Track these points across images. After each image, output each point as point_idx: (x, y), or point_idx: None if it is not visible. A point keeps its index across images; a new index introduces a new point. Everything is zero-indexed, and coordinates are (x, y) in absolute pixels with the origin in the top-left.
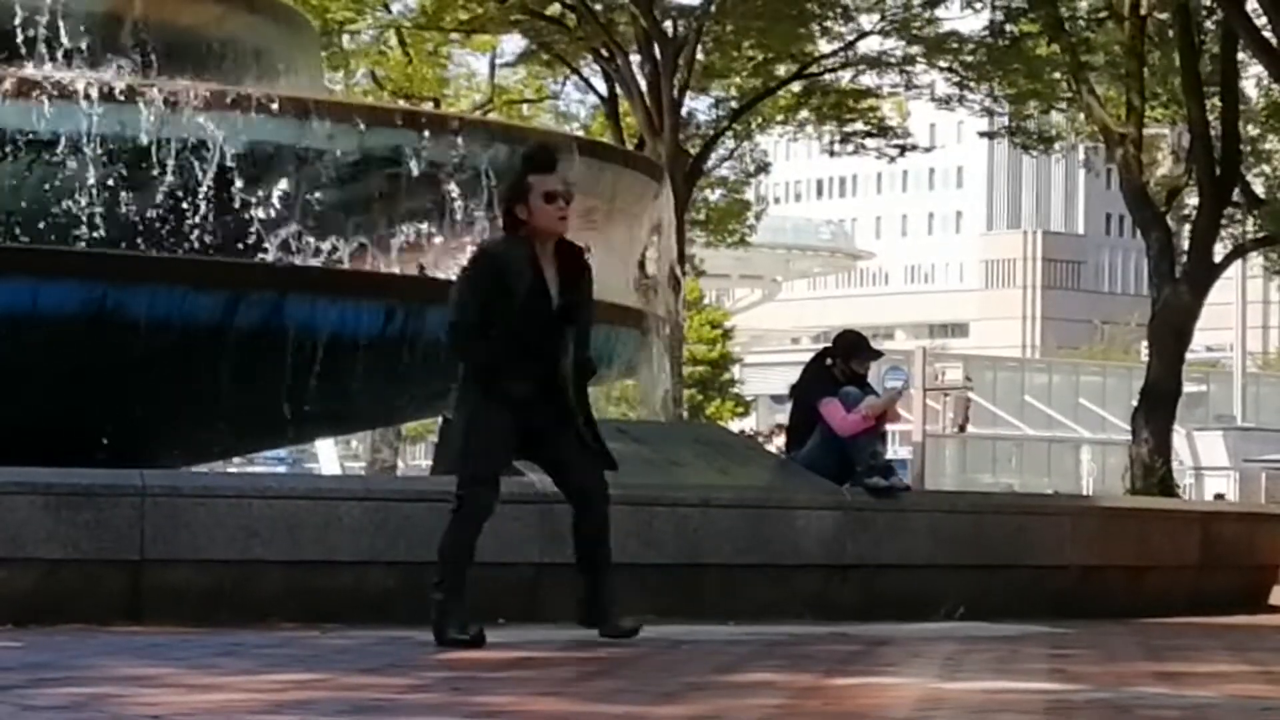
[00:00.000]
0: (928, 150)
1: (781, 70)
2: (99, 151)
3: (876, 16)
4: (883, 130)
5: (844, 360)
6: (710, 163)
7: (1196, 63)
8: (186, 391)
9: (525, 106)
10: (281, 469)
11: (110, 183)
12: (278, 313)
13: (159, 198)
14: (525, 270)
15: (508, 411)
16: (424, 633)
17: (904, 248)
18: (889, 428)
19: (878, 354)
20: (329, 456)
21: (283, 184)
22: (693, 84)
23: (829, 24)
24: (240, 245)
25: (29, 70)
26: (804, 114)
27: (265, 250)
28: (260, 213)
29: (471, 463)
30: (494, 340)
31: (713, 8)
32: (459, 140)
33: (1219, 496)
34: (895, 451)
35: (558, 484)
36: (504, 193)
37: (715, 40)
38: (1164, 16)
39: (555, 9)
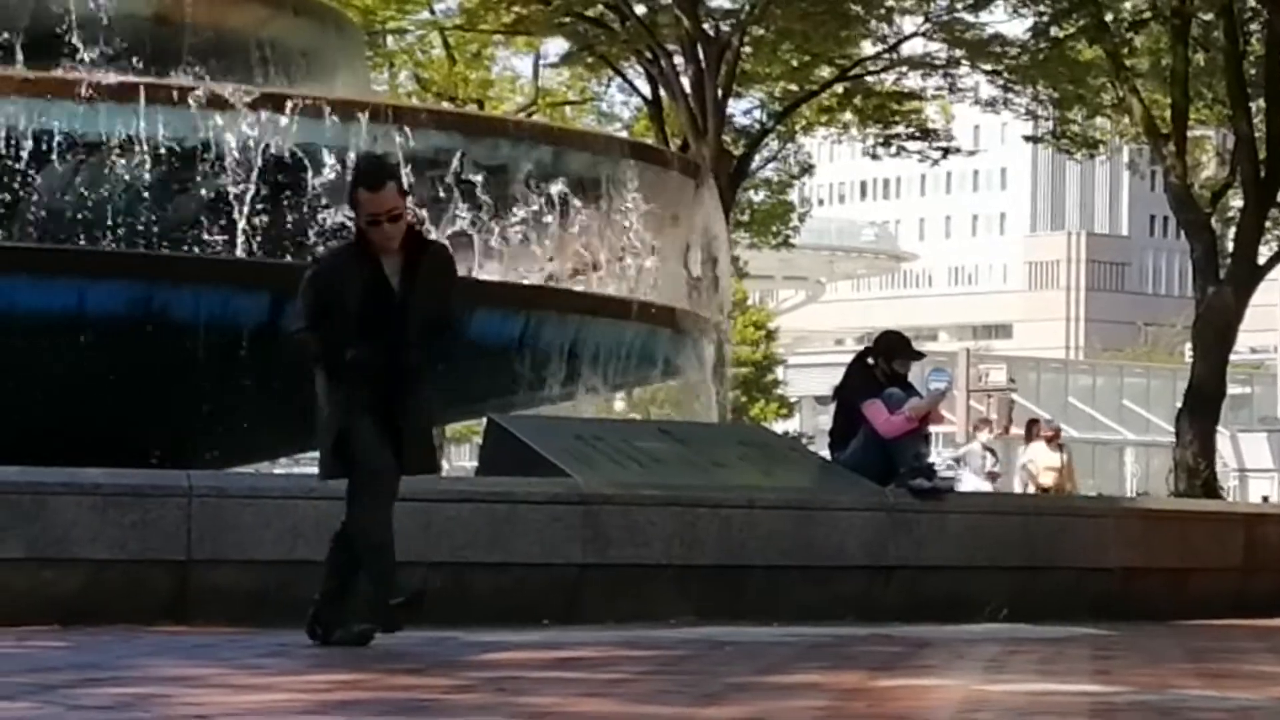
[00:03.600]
0: (971, 153)
1: (825, 72)
2: (150, 153)
3: (920, 19)
4: (925, 133)
5: (885, 360)
6: (754, 164)
7: (1241, 64)
8: (232, 392)
9: (569, 108)
10: None
11: (175, 185)
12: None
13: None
14: (355, 276)
15: (362, 392)
16: (467, 633)
17: (948, 249)
18: (931, 429)
19: (919, 355)
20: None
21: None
22: (736, 86)
23: (872, 26)
24: None
25: (77, 73)
26: (847, 116)
27: None
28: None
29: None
30: (331, 331)
31: (755, 10)
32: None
33: (1264, 499)
34: (938, 453)
35: None
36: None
37: (758, 42)
38: (1208, 18)
39: (598, 11)
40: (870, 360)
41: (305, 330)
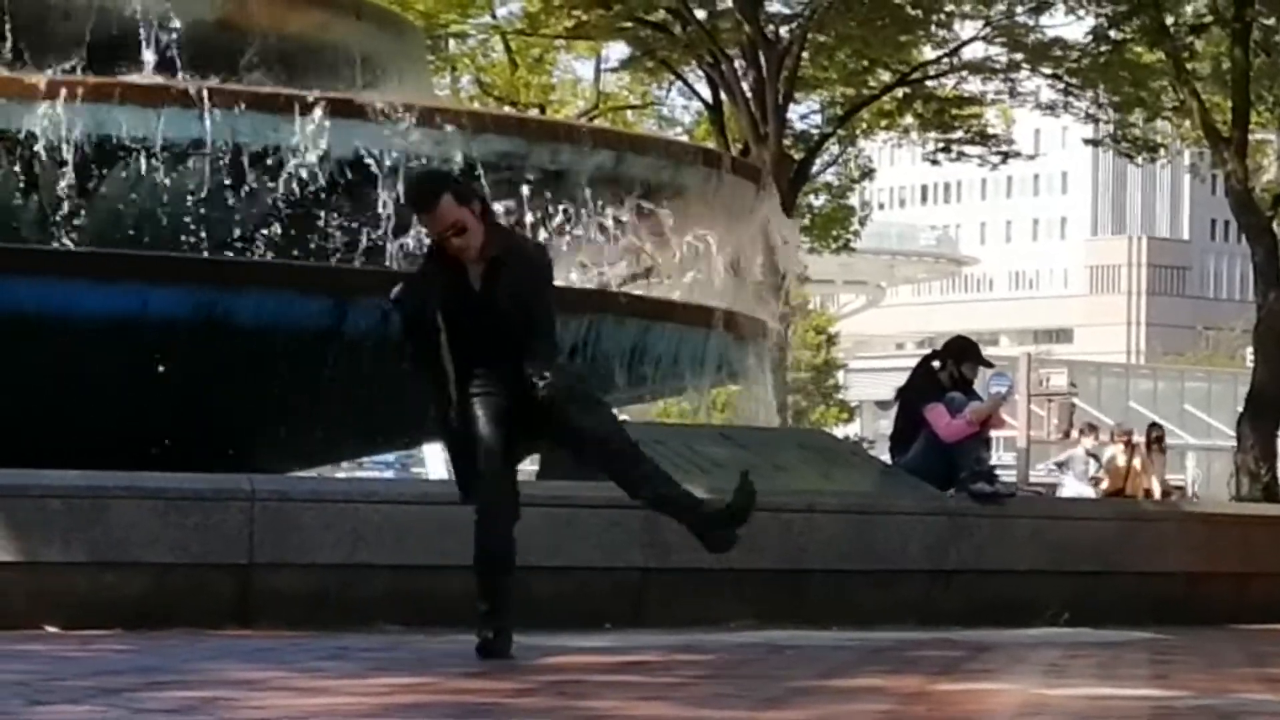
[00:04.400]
0: (1031, 158)
1: (885, 77)
2: (221, 158)
3: (980, 23)
4: (985, 137)
5: (955, 364)
6: (814, 168)
7: None
8: (294, 396)
9: (630, 113)
10: (389, 474)
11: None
12: (385, 319)
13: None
14: (438, 283)
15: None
16: (529, 636)
17: (1008, 253)
18: (993, 433)
19: (989, 363)
20: (436, 461)
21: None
22: (796, 90)
23: (931, 31)
24: None
25: (140, 77)
26: (907, 120)
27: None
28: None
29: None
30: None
31: (816, 15)
32: None
33: None
34: (999, 457)
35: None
36: None
37: (818, 47)
38: (1269, 22)
39: (660, 16)
40: (938, 364)
41: (412, 355)
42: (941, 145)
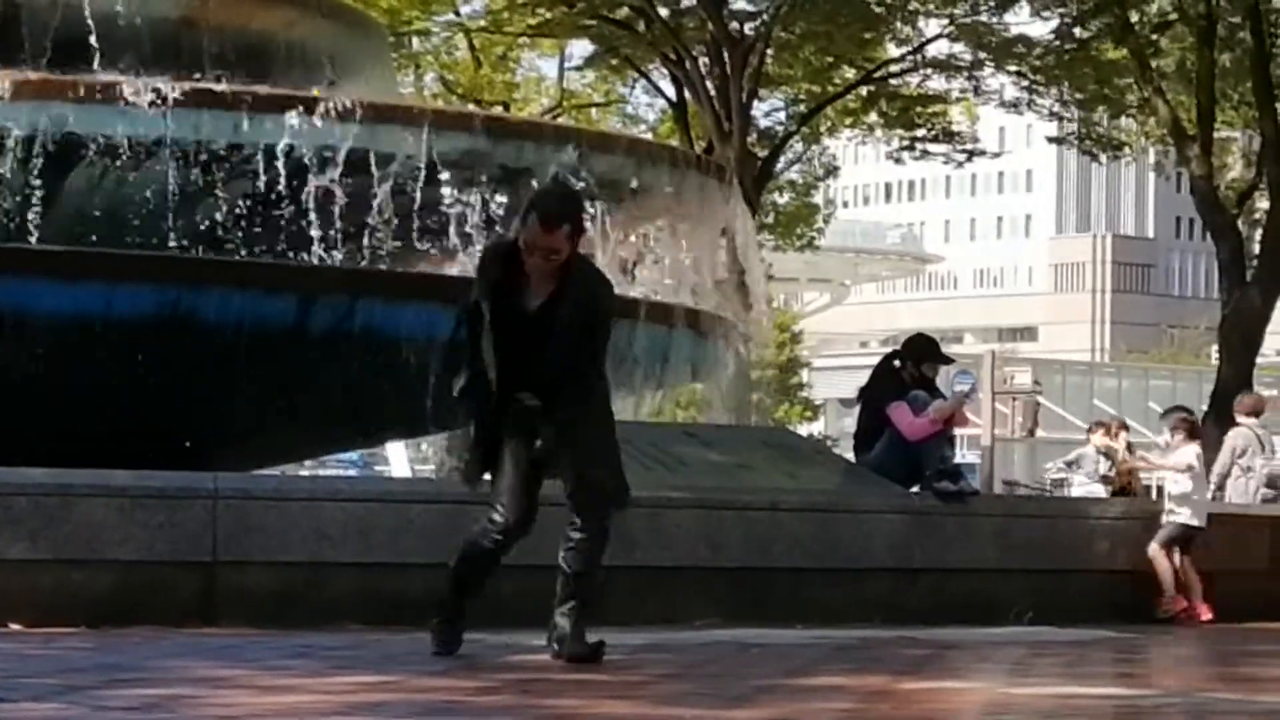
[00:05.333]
0: (995, 155)
1: (849, 74)
2: (182, 156)
3: (944, 21)
4: (949, 135)
5: (914, 363)
6: (779, 166)
7: (1267, 66)
8: (258, 394)
9: (594, 110)
10: (353, 472)
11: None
12: (349, 316)
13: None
14: (500, 282)
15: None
16: (494, 635)
17: (973, 251)
18: (957, 431)
19: (948, 360)
20: (400, 460)
21: None
22: (761, 88)
23: (896, 28)
24: None
25: (101, 75)
26: (871, 118)
27: None
28: None
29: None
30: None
31: (780, 12)
32: None
33: None
34: (963, 455)
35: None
36: None
37: (782, 45)
38: (1234, 19)
39: (623, 13)
40: (898, 362)
41: (474, 368)
42: (906, 143)
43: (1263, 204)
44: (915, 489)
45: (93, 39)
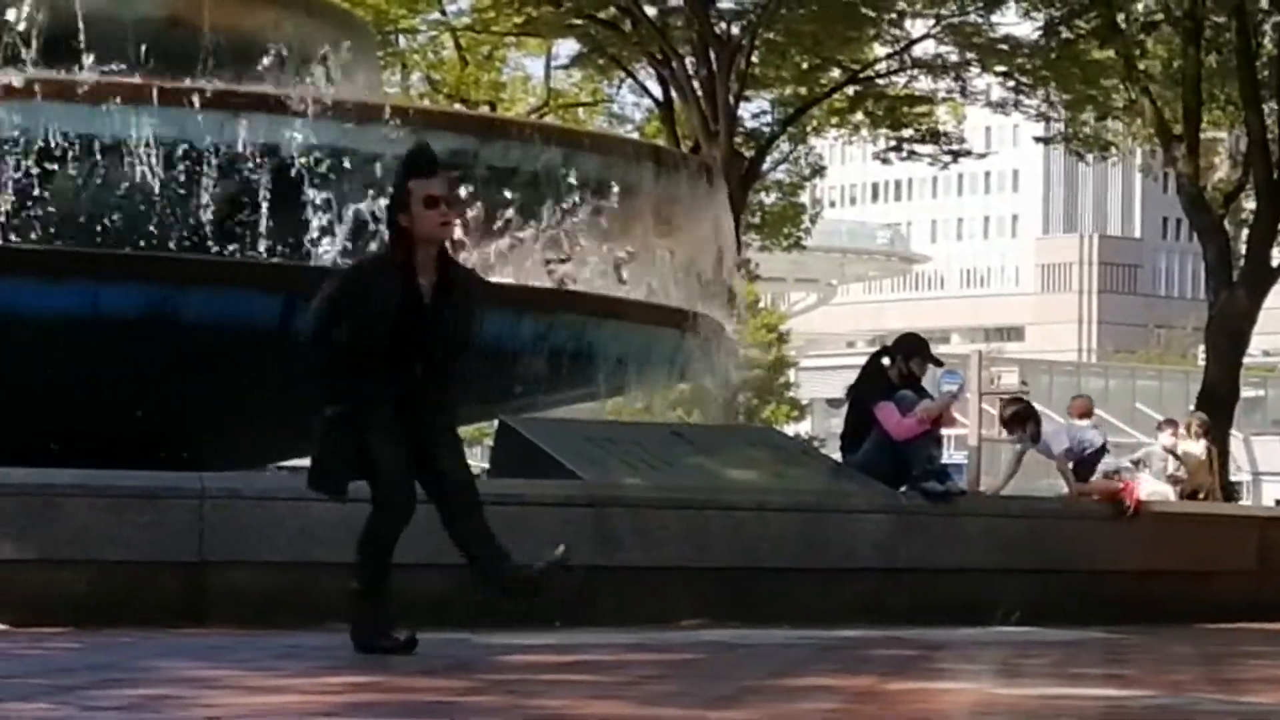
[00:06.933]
0: (982, 156)
1: (836, 74)
2: (163, 155)
3: (931, 21)
4: (936, 136)
5: (904, 358)
6: (765, 166)
7: (1253, 66)
8: (245, 393)
9: (581, 110)
10: None
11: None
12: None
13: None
14: (391, 286)
15: (389, 409)
16: (480, 635)
17: (960, 251)
18: (944, 432)
19: (938, 361)
20: None
21: None
22: (747, 88)
23: (882, 29)
24: None
25: (89, 75)
26: (858, 118)
27: None
28: None
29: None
30: (357, 353)
31: (766, 12)
32: None
33: (1278, 502)
34: (950, 456)
35: (422, 481)
36: (389, 202)
37: (769, 45)
38: (1220, 20)
39: (610, 13)
40: (887, 361)
41: (322, 343)
42: (892, 143)
43: (1249, 204)
44: (902, 489)
45: (80, 38)
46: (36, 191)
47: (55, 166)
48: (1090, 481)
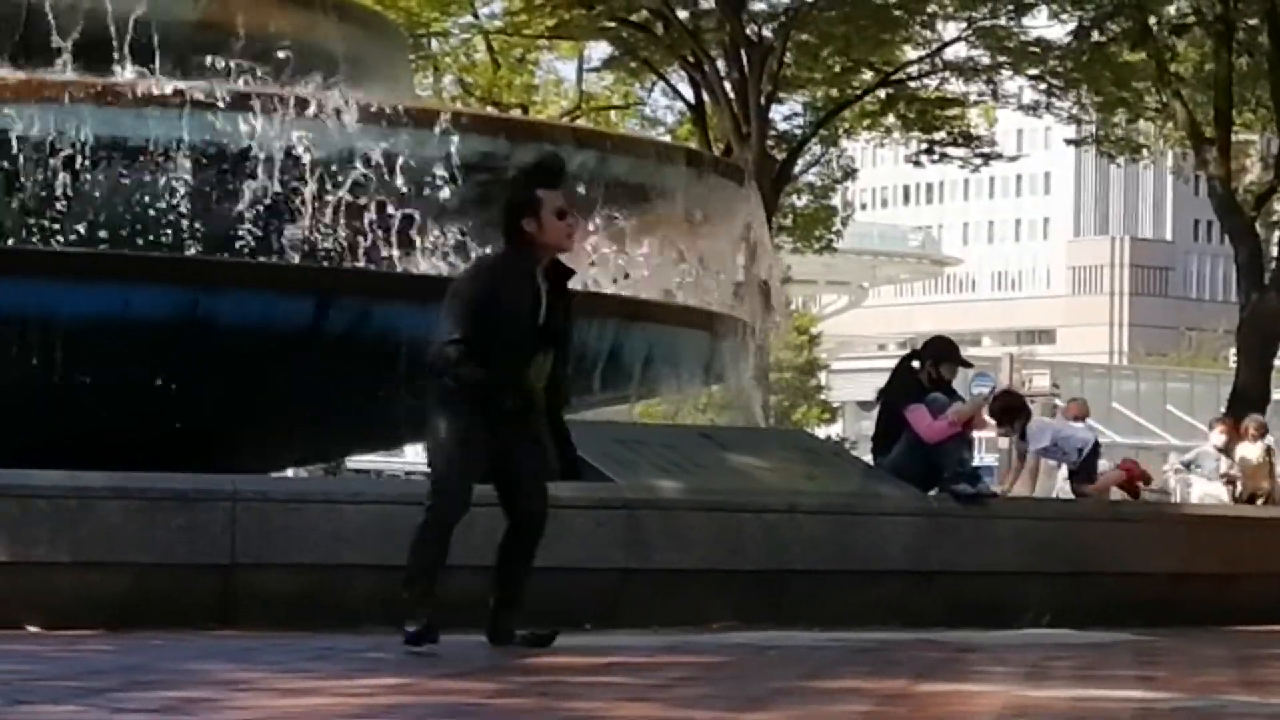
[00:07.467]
0: (1013, 159)
1: (867, 77)
2: (197, 158)
3: (962, 24)
4: (968, 138)
5: (933, 364)
6: (797, 168)
7: None
8: (276, 396)
9: (613, 113)
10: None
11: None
12: (365, 318)
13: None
14: (525, 287)
15: (488, 429)
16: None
17: (991, 254)
18: (975, 434)
19: (967, 363)
20: (418, 463)
21: None
22: (779, 91)
23: (914, 31)
24: None
25: (120, 78)
26: (889, 120)
27: None
28: None
29: (455, 474)
30: (488, 358)
31: (798, 14)
32: None
33: None
34: (981, 458)
35: (503, 502)
36: (509, 205)
37: (801, 47)
38: (1252, 23)
39: (642, 16)
40: (916, 364)
41: (461, 351)
42: (924, 146)
43: None
44: (933, 491)
45: (113, 41)
46: (68, 193)
47: (88, 168)
48: (1097, 481)
